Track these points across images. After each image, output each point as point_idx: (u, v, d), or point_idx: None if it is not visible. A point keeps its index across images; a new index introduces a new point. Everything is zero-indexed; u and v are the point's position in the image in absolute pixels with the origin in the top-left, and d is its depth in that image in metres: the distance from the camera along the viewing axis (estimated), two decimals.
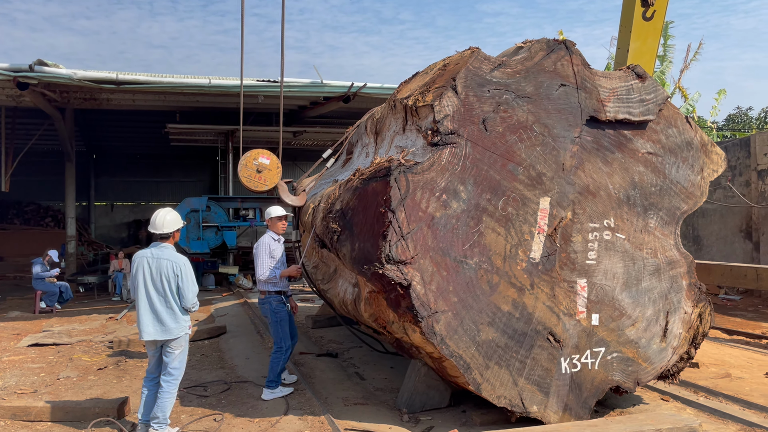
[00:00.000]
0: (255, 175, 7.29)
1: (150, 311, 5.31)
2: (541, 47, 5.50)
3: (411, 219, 4.97)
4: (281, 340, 6.58)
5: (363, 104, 15.53)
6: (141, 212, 30.54)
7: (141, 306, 5.33)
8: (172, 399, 5.36)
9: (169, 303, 5.34)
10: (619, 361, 5.59)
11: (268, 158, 7.43)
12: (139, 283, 5.36)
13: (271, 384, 6.45)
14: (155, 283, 5.34)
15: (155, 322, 5.30)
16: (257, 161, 7.34)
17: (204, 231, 17.17)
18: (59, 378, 7.46)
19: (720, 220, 15.07)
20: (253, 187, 7.45)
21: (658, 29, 11.11)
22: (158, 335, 5.30)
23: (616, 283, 5.62)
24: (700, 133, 5.99)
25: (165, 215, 5.56)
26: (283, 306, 6.67)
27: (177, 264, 5.38)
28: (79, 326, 11.12)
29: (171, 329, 5.32)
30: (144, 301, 5.33)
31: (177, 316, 5.36)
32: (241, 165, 7.34)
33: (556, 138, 5.46)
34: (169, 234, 5.52)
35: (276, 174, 7.52)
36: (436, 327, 4.98)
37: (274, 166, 7.47)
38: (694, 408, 5.88)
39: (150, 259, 5.40)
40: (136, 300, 5.38)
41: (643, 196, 5.74)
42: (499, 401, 5.19)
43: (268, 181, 7.48)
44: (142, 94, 14.96)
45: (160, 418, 5.26)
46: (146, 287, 5.34)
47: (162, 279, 5.33)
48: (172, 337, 5.34)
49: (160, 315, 5.30)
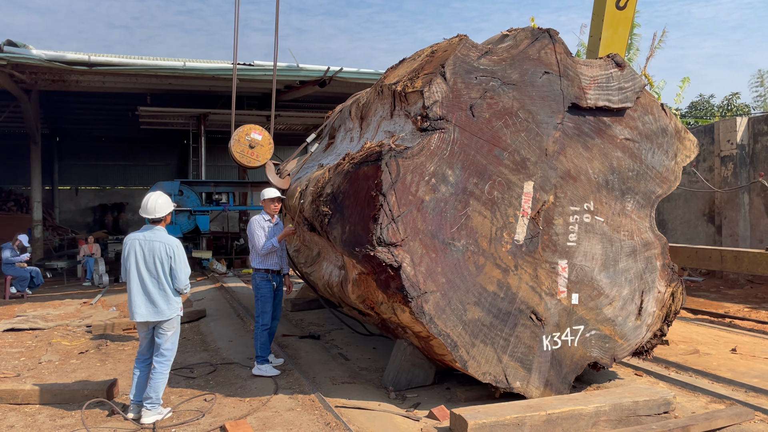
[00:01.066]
0: (248, 150, 7.25)
1: (142, 293, 5.40)
2: (526, 36, 5.66)
3: (401, 202, 5.10)
4: (258, 316, 6.79)
5: (338, 89, 15.56)
6: (107, 196, 30.03)
7: (133, 288, 5.40)
8: (165, 379, 5.46)
9: (162, 285, 5.42)
10: (597, 338, 5.85)
11: (260, 134, 7.39)
12: (131, 265, 5.43)
13: (257, 359, 6.72)
14: (148, 266, 5.42)
15: (147, 303, 5.39)
16: (249, 137, 7.29)
17: (176, 215, 17.03)
18: (41, 362, 7.43)
19: (684, 205, 15.59)
20: (245, 162, 7.42)
21: (630, 18, 11.41)
22: (150, 317, 5.38)
23: (594, 264, 5.86)
24: (674, 120, 6.25)
25: (156, 199, 5.60)
26: (267, 283, 6.82)
27: (170, 246, 5.47)
28: (54, 311, 11.01)
29: (163, 310, 5.41)
30: (136, 282, 5.41)
31: (169, 298, 5.45)
32: (233, 140, 7.29)
33: (540, 124, 5.64)
34: (161, 218, 5.59)
35: (268, 150, 7.49)
36: (425, 307, 5.15)
37: (266, 142, 7.44)
38: (666, 382, 6.19)
39: (142, 242, 5.46)
40: (128, 282, 5.44)
41: (620, 180, 5.98)
42: (485, 377, 5.39)
43: (260, 157, 7.45)
44: (113, 76, 14.72)
45: (153, 398, 5.35)
46: (138, 269, 5.41)
47: (155, 261, 5.41)
48: (164, 318, 5.43)
49: (153, 297, 5.39)
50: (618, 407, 5.06)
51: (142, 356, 5.58)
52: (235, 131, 7.36)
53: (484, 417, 4.69)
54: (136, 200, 29.59)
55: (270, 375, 6.55)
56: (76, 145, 28.64)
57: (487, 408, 4.91)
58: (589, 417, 4.95)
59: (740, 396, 5.69)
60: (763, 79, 28.85)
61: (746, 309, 10.36)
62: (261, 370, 6.61)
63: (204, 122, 19.19)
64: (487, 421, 4.64)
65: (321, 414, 5.40)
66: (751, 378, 6.18)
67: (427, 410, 5.44)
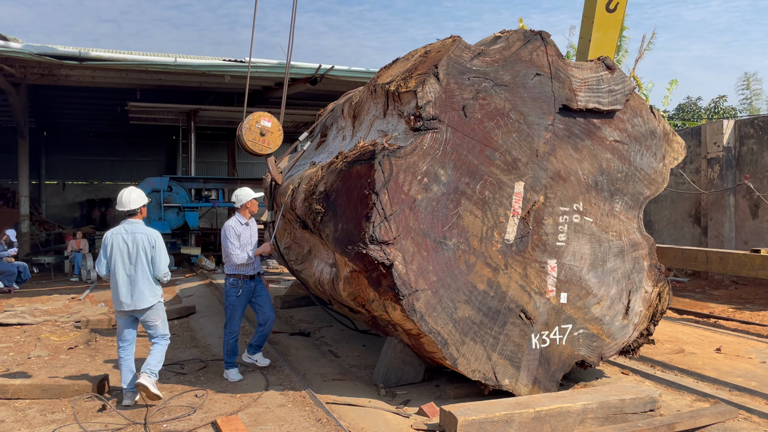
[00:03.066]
0: (259, 138, 7.20)
1: (128, 283, 5.70)
2: (519, 37, 5.73)
3: (394, 201, 5.15)
4: (226, 323, 6.62)
5: (330, 86, 15.57)
6: (94, 191, 29.83)
7: (119, 279, 5.69)
8: (162, 355, 5.85)
9: (146, 274, 5.73)
10: (585, 337, 5.93)
11: (269, 121, 7.32)
12: (116, 258, 5.71)
13: (225, 365, 6.53)
14: (131, 257, 5.72)
15: (133, 292, 5.69)
16: (260, 124, 7.23)
17: (165, 211, 17.00)
18: (30, 357, 7.41)
19: (671, 206, 15.76)
20: (258, 150, 7.35)
21: (619, 20, 11.50)
22: (135, 305, 5.70)
23: (583, 263, 5.94)
24: (663, 122, 6.34)
25: (130, 193, 5.91)
26: (236, 290, 6.59)
27: (151, 236, 5.80)
28: (42, 306, 10.96)
29: (147, 297, 5.73)
30: (122, 274, 5.70)
31: (152, 286, 5.79)
32: (244, 129, 7.22)
33: (531, 125, 5.71)
34: (136, 210, 5.89)
35: (278, 136, 7.43)
36: (416, 305, 5.20)
37: (276, 129, 7.39)
38: (652, 381, 6.29)
39: (125, 235, 5.76)
40: (113, 274, 5.71)
41: (610, 181, 6.07)
42: (474, 375, 5.46)
43: (271, 144, 7.37)
44: (103, 71, 14.65)
45: (152, 365, 5.67)
46: (123, 261, 5.71)
47: (138, 251, 5.72)
48: (148, 305, 5.74)
49: (138, 285, 5.70)
50: (605, 405, 5.14)
51: (123, 341, 5.85)
52: (246, 119, 7.29)
53: (473, 414, 4.75)
54: None
55: (234, 380, 6.37)
56: (64, 139, 28.42)
57: (476, 405, 4.97)
58: (576, 414, 5.03)
59: (724, 395, 5.79)
60: (749, 82, 29.21)
61: (731, 309, 10.52)
62: (226, 374, 6.47)
63: (194, 118, 19.14)
64: (476, 417, 4.70)
65: (312, 410, 5.44)
66: (735, 377, 6.29)
67: (417, 407, 5.50)
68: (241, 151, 25.97)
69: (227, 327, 6.61)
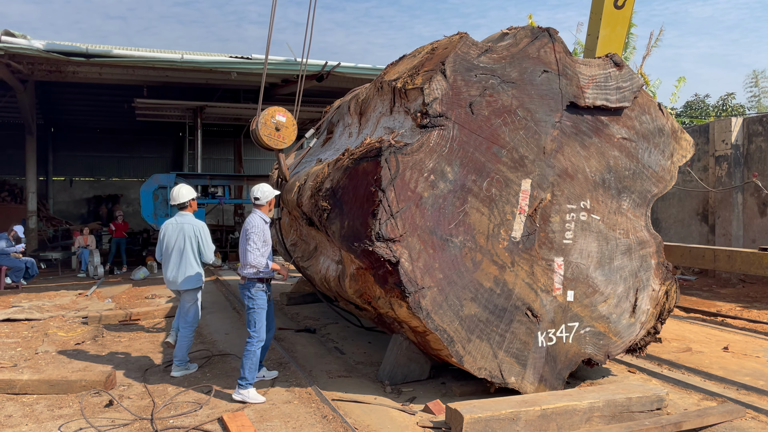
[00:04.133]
0: (274, 133, 7.20)
1: (176, 266, 6.64)
2: (526, 34, 5.70)
3: (400, 198, 5.14)
4: (254, 330, 5.87)
5: (336, 83, 15.56)
6: (101, 188, 29.94)
7: (170, 263, 6.66)
8: (187, 342, 6.62)
9: (188, 260, 6.64)
10: (591, 335, 5.91)
11: (284, 116, 7.32)
12: (166, 245, 6.70)
13: (241, 382, 5.67)
14: (178, 244, 6.63)
15: (177, 275, 6.63)
16: (275, 119, 7.22)
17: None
18: (37, 352, 7.45)
19: (678, 204, 15.69)
20: (273, 145, 7.35)
21: (627, 17, 11.45)
22: (177, 285, 6.67)
23: (590, 261, 5.92)
24: (671, 120, 6.31)
25: (179, 189, 6.80)
26: (263, 294, 5.95)
27: (197, 227, 6.70)
28: (49, 302, 11.01)
29: (186, 280, 6.64)
30: (169, 258, 6.67)
31: (194, 271, 6.68)
32: (260, 124, 7.21)
33: (538, 122, 5.69)
34: (186, 203, 6.77)
35: (293, 131, 7.43)
36: (423, 302, 5.19)
37: (290, 124, 7.38)
38: (659, 379, 6.26)
39: (174, 225, 6.71)
40: (165, 259, 6.72)
41: (617, 179, 6.04)
42: (480, 372, 5.45)
43: (286, 139, 7.38)
44: (110, 68, 14.68)
45: (178, 357, 6.54)
46: (172, 248, 6.65)
47: (185, 240, 6.63)
48: (190, 287, 6.65)
49: (181, 269, 6.63)
50: (611, 403, 5.13)
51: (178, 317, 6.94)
52: (261, 115, 7.27)
53: (479, 411, 4.74)
54: (130, 192, 29.52)
55: (256, 402, 5.60)
56: (71, 136, 28.54)
57: (482, 403, 4.96)
58: (583, 413, 5.02)
59: (732, 393, 5.77)
60: (757, 80, 29.02)
61: (738, 308, 10.46)
62: (243, 396, 5.63)
63: (200, 115, 19.14)
64: (482, 415, 4.70)
65: (318, 407, 5.45)
66: (742, 376, 6.26)
67: (422, 404, 5.50)
68: (247, 148, 26.06)
69: (255, 336, 5.84)
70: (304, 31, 8.40)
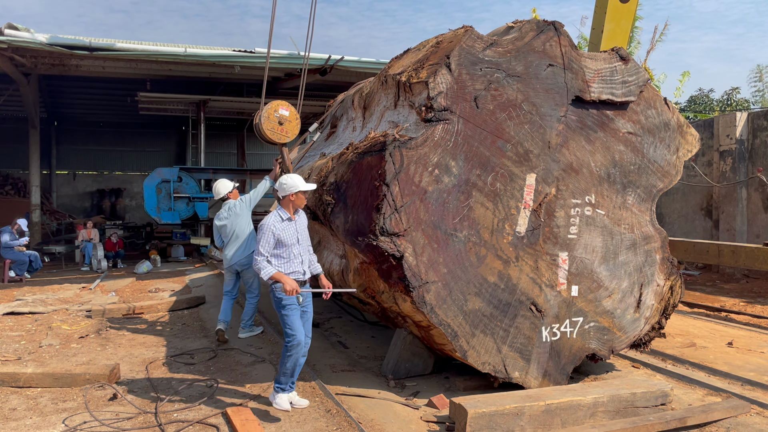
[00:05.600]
0: (278, 127, 7.15)
1: (235, 247, 7.72)
2: (531, 28, 5.67)
3: (404, 193, 5.13)
4: (288, 336, 5.18)
5: (339, 77, 15.52)
6: (104, 181, 29.93)
7: (230, 245, 7.77)
8: (253, 308, 7.90)
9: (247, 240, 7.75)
10: (595, 330, 5.90)
11: (287, 109, 7.27)
12: (227, 229, 7.76)
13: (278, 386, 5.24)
14: (233, 229, 7.71)
15: (234, 254, 7.70)
16: (278, 113, 7.17)
17: (175, 202, 17.04)
18: (41, 346, 7.46)
19: (682, 199, 15.64)
20: (276, 139, 7.30)
21: (632, 11, 11.39)
22: (237, 265, 7.77)
23: (595, 256, 5.89)
24: (677, 114, 6.27)
25: (217, 185, 7.98)
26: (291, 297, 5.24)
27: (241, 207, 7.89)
28: (53, 295, 11.03)
29: (249, 257, 7.62)
30: (230, 242, 7.76)
31: (252, 249, 7.53)
32: (263, 118, 7.18)
33: (543, 116, 5.66)
34: (225, 196, 7.94)
35: (295, 125, 7.38)
36: (427, 297, 5.18)
37: (293, 117, 7.33)
38: (663, 375, 6.25)
39: (227, 212, 7.79)
40: (226, 244, 7.83)
41: (622, 174, 6.01)
42: (484, 367, 5.44)
43: (290, 133, 7.32)
44: (113, 62, 14.67)
45: (245, 320, 7.86)
46: (230, 234, 7.73)
47: (236, 222, 7.73)
48: (249, 263, 7.61)
49: (239, 250, 7.70)
50: (616, 398, 5.11)
51: (228, 292, 7.94)
52: (264, 109, 7.23)
53: (483, 406, 4.73)
54: (133, 186, 29.52)
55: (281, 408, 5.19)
56: (74, 129, 28.52)
57: (486, 397, 4.95)
58: (587, 408, 5.01)
59: (736, 389, 5.75)
60: (761, 74, 28.87)
61: (742, 303, 10.44)
62: (272, 400, 5.25)
63: (204, 109, 19.15)
64: (486, 410, 4.69)
65: (322, 401, 5.45)
66: (747, 371, 6.25)
67: (426, 399, 5.49)
68: (250, 142, 26.01)
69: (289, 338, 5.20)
70: (307, 25, 8.32)
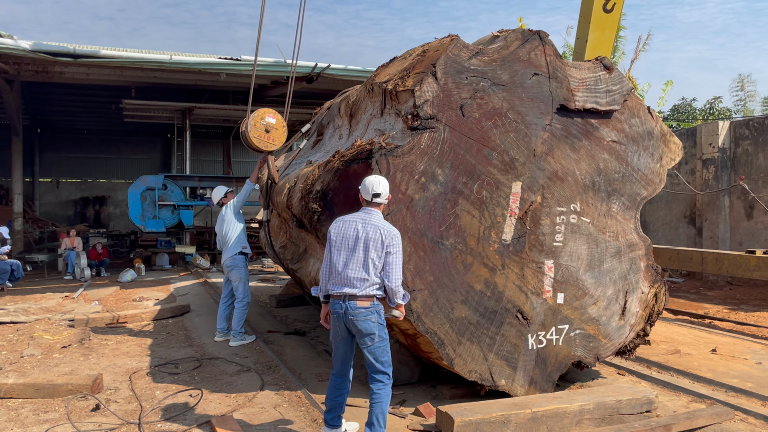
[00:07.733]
0: (264, 135, 7.15)
1: (225, 250, 8.01)
2: (517, 37, 5.70)
3: (391, 201, 5.12)
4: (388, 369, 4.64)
5: (326, 85, 15.54)
6: (88, 189, 29.66)
7: (223, 247, 8.08)
8: (240, 315, 7.91)
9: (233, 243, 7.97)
10: (581, 337, 5.92)
11: (273, 117, 7.27)
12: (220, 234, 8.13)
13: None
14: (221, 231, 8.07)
15: (224, 256, 8.03)
16: (265, 121, 7.16)
17: (160, 209, 16.92)
18: (23, 356, 7.36)
19: (666, 207, 15.79)
20: (263, 147, 7.29)
21: (616, 21, 11.52)
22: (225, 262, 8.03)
23: (580, 264, 5.92)
24: (660, 123, 6.33)
25: (213, 193, 8.41)
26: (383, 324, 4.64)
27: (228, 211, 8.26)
28: (35, 305, 10.89)
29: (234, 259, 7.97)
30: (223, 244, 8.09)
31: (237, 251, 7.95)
32: (250, 126, 7.16)
33: (529, 125, 5.69)
34: (219, 201, 8.30)
35: (282, 133, 7.39)
36: (413, 305, 5.17)
37: (280, 125, 7.33)
38: (648, 381, 6.28)
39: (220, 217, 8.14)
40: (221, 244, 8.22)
41: (607, 182, 6.05)
42: (470, 375, 5.43)
43: (276, 141, 7.33)
44: (98, 68, 14.58)
45: (235, 329, 7.87)
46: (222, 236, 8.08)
47: (222, 227, 8.05)
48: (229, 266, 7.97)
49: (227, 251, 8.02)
50: (601, 406, 5.13)
51: (223, 297, 8.22)
52: (250, 117, 7.22)
53: (470, 414, 4.73)
54: (117, 194, 29.29)
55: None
56: (57, 137, 28.29)
57: (473, 405, 4.95)
58: (573, 415, 5.02)
59: (720, 396, 5.79)
60: (743, 84, 29.28)
61: (725, 310, 10.53)
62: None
63: (189, 116, 19.05)
64: (473, 418, 4.68)
65: (308, 410, 5.41)
66: (731, 378, 6.30)
67: (413, 407, 5.47)
68: (236, 150, 25.89)
69: (388, 375, 4.65)
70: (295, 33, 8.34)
